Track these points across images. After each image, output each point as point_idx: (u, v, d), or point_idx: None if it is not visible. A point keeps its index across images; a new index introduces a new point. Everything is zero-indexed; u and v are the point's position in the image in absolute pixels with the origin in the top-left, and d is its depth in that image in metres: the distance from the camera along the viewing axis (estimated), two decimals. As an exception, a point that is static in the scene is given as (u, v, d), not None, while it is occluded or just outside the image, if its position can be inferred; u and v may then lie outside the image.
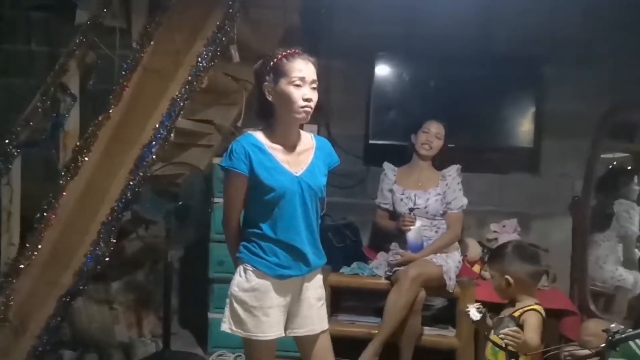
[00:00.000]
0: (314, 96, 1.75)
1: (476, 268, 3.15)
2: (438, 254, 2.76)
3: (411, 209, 2.86)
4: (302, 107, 1.73)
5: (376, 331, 2.72)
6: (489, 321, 1.83)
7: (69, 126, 2.65)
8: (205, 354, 3.04)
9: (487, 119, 3.30)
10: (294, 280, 1.80)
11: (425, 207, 2.85)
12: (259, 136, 1.80)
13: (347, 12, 3.45)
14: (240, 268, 1.80)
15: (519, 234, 3.24)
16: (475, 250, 3.19)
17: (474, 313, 1.81)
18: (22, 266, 2.48)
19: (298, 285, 1.82)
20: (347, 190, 3.47)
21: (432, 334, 2.78)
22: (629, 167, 3.36)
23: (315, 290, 1.86)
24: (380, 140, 3.33)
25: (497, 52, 3.35)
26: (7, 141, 2.55)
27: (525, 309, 1.87)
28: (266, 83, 1.77)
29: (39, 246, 2.50)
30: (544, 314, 1.88)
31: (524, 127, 3.28)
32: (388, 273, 2.76)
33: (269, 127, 1.82)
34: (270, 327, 1.75)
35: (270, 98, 1.77)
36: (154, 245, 2.97)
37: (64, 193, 2.52)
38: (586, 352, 1.55)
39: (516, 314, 1.87)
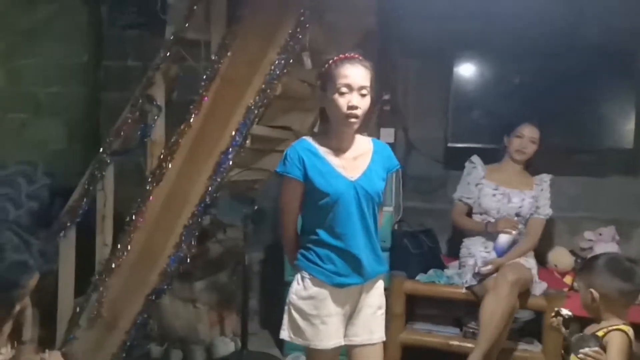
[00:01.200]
0: (362, 103, 1.71)
1: (567, 279, 2.92)
2: (519, 259, 2.61)
3: (517, 214, 2.73)
4: (347, 115, 1.70)
5: (455, 342, 2.62)
6: (572, 336, 1.68)
7: (155, 135, 2.81)
8: (282, 355, 3.09)
9: (579, 118, 3.05)
10: (352, 289, 1.77)
11: (520, 207, 2.74)
12: (314, 141, 1.80)
13: (422, 12, 3.33)
14: (298, 276, 1.80)
15: (618, 243, 2.95)
16: (566, 260, 2.96)
17: (566, 312, 1.67)
18: (114, 265, 2.66)
19: (357, 293, 1.79)
20: (425, 195, 3.38)
21: (519, 349, 2.61)
22: None
23: (375, 298, 1.82)
24: (460, 143, 3.19)
25: (588, 44, 3.08)
26: (101, 150, 2.76)
27: (610, 328, 1.69)
28: (319, 89, 1.78)
29: (129, 247, 2.67)
30: (632, 335, 1.68)
31: (622, 126, 2.99)
32: (473, 283, 2.62)
33: (324, 132, 1.82)
34: (328, 335, 1.73)
35: (322, 104, 1.78)
36: (233, 248, 3.08)
37: (151, 198, 2.67)
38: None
39: (600, 333, 1.69)
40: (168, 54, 2.78)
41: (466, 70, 3.23)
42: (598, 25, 3.07)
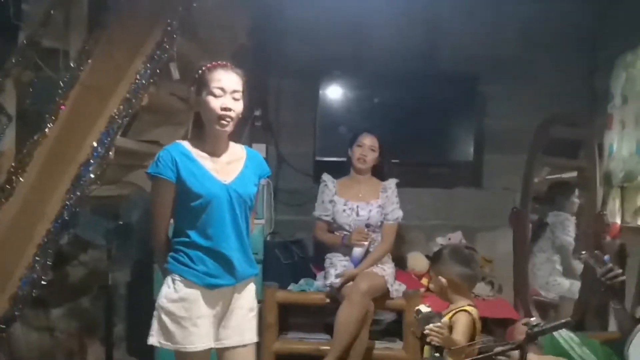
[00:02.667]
0: (235, 106, 1.77)
1: (424, 281, 3.19)
2: (375, 266, 2.79)
3: (367, 225, 2.87)
4: (221, 116, 1.75)
5: (325, 347, 2.71)
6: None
7: (4, 147, 2.57)
8: (152, 381, 2.94)
9: (431, 135, 3.39)
10: (223, 290, 1.79)
11: (368, 219, 2.88)
12: (187, 145, 1.82)
13: (294, 33, 3.52)
14: (169, 279, 1.78)
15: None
16: (422, 263, 3.23)
17: (425, 307, 1.84)
18: (-48, 292, 2.36)
19: (228, 294, 1.80)
20: (296, 208, 3.49)
21: (380, 347, 2.78)
22: (571, 181, 3.51)
23: (246, 300, 1.84)
24: (327, 157, 3.37)
25: (439, 71, 3.49)
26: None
27: (456, 310, 1.91)
28: (192, 94, 1.80)
29: (-29, 272, 2.39)
30: (475, 315, 1.91)
31: (465, 142, 3.39)
32: (330, 291, 2.74)
33: (198, 137, 1.84)
34: (199, 338, 1.72)
35: (196, 109, 1.81)
36: (96, 270, 2.90)
37: (-2, 215, 2.43)
38: (508, 346, 1.59)
39: (449, 315, 1.90)
40: (20, 59, 2.57)
41: (333, 89, 3.45)
42: (448, 53, 3.49)
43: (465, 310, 1.89)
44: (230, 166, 1.82)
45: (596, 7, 3.35)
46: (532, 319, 1.55)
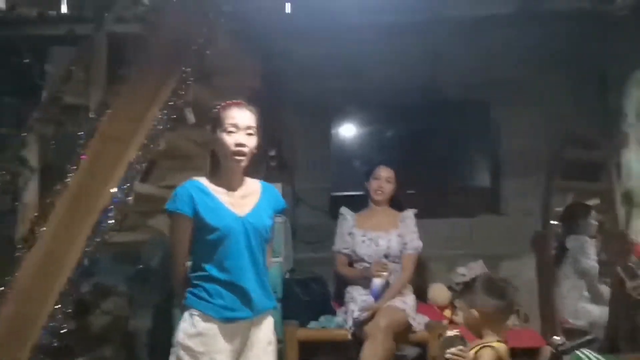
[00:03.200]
0: (249, 141, 1.82)
1: (447, 313, 3.13)
2: (396, 298, 2.74)
3: (386, 256, 2.86)
4: (235, 152, 1.80)
5: (349, 385, 2.65)
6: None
7: (28, 198, 2.66)
8: None
9: (447, 163, 3.39)
10: (241, 324, 1.78)
11: (388, 248, 2.87)
12: (204, 181, 1.87)
13: (304, 73, 3.60)
14: (186, 314, 1.79)
15: (487, 275, 3.24)
16: (444, 295, 3.18)
17: (451, 332, 1.78)
18: (-22, 344, 2.39)
19: (246, 328, 1.80)
20: (314, 245, 3.49)
21: (406, 383, 2.71)
22: (588, 203, 3.45)
23: (264, 333, 1.83)
24: (343, 192, 3.38)
25: (449, 98, 3.53)
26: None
27: (482, 345, 1.84)
28: (209, 133, 1.87)
29: (-4, 323, 2.42)
30: (502, 351, 1.83)
31: (482, 169, 3.38)
32: (353, 328, 2.70)
33: (214, 174, 1.89)
34: None
35: (212, 146, 1.87)
36: (119, 318, 2.91)
37: (21, 265, 2.48)
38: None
39: (475, 349, 1.84)
40: (43, 115, 2.70)
41: (344, 124, 3.52)
42: (456, 81, 3.52)
43: (490, 346, 1.82)
44: (245, 200, 1.86)
45: (604, 26, 3.35)
46: (556, 337, 1.50)
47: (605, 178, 2.96)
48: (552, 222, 3.34)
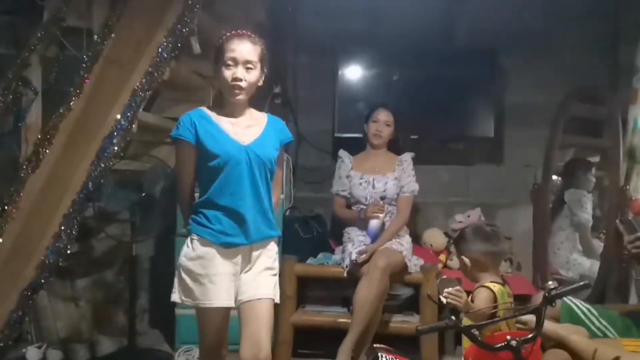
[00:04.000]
0: (247, 76, 1.81)
1: (442, 257, 3.20)
2: (393, 240, 2.80)
3: (383, 198, 2.89)
4: (233, 86, 1.80)
5: (343, 320, 2.75)
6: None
7: (31, 120, 2.64)
8: (172, 351, 3.02)
9: (450, 111, 3.37)
10: (241, 249, 1.83)
11: (384, 191, 2.90)
12: (208, 110, 1.89)
13: (312, 9, 3.52)
14: (188, 239, 1.85)
15: (483, 224, 3.30)
16: (440, 240, 3.24)
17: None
18: (-18, 259, 2.45)
19: (246, 254, 1.84)
20: (315, 185, 3.52)
21: (397, 321, 2.81)
22: (589, 159, 3.47)
23: (265, 259, 1.87)
24: (346, 134, 3.38)
25: (458, 45, 3.46)
26: (-33, 135, 2.54)
27: (478, 285, 1.90)
28: (213, 63, 1.86)
29: (0, 239, 2.47)
30: (497, 290, 1.87)
31: (485, 118, 3.36)
32: (349, 266, 2.75)
33: (219, 103, 1.90)
34: (218, 294, 1.77)
35: (217, 77, 1.86)
36: (121, 243, 2.97)
37: (25, 186, 2.50)
38: (525, 310, 1.60)
39: (473, 292, 1.89)
40: (45, 35, 2.63)
41: (351, 66, 3.45)
42: (466, 28, 3.45)
43: (485, 286, 1.88)
44: (250, 129, 1.87)
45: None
46: (549, 282, 1.55)
47: (608, 134, 2.94)
48: (552, 175, 3.37)
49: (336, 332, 2.66)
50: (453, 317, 1.57)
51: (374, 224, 2.80)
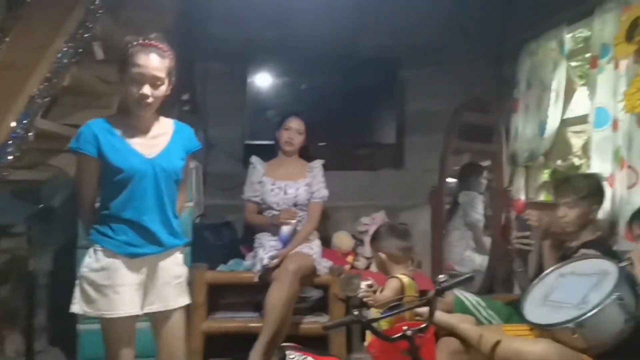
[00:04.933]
0: (156, 92, 1.78)
1: (350, 258, 3.35)
2: (303, 244, 2.90)
3: (295, 204, 2.97)
4: (139, 102, 1.77)
5: (254, 324, 2.79)
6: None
7: None
8: (74, 366, 2.89)
9: (357, 118, 3.54)
10: (147, 259, 1.82)
11: (296, 197, 2.98)
12: (111, 120, 1.84)
13: (222, 16, 3.54)
14: (91, 250, 1.81)
15: (388, 225, 3.50)
16: (347, 242, 3.39)
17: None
18: None
19: (153, 263, 1.84)
20: (226, 192, 3.53)
21: (307, 322, 2.90)
22: (481, 163, 3.80)
23: (172, 268, 1.88)
24: (256, 141, 3.44)
25: (363, 56, 3.65)
26: None
27: (391, 276, 2.07)
28: (118, 71, 1.81)
29: None
30: (405, 281, 2.05)
31: (388, 126, 3.57)
32: (261, 271, 2.81)
33: (123, 111, 1.86)
34: (122, 304, 1.76)
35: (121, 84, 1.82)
36: (17, 257, 2.80)
37: None
38: (419, 302, 1.76)
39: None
40: None
41: (261, 73, 3.53)
42: (371, 40, 3.65)
43: (395, 277, 2.04)
44: (155, 140, 1.85)
45: (501, -1, 3.62)
46: (440, 276, 1.71)
47: (495, 140, 3.25)
48: (448, 179, 3.65)
49: (248, 337, 2.70)
50: (356, 312, 1.69)
51: (286, 229, 2.88)
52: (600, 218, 2.36)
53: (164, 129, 1.89)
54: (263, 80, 3.53)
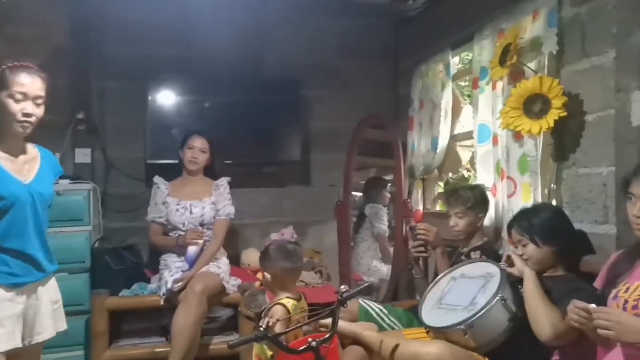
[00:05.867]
0: (37, 111, 1.79)
1: (259, 275, 3.33)
2: (210, 263, 2.87)
3: (202, 224, 2.93)
4: (20, 121, 1.75)
5: (161, 349, 2.71)
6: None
7: None
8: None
9: (263, 137, 3.58)
10: (28, 288, 1.78)
11: (202, 216, 2.95)
12: None
13: (119, 33, 3.44)
14: None
15: (296, 241, 3.55)
16: (256, 259, 3.35)
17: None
18: None
19: (33, 291, 1.80)
20: (128, 214, 3.42)
21: (217, 342, 2.86)
22: (384, 177, 4.00)
23: (50, 294, 1.86)
24: (159, 160, 3.36)
25: (267, 75, 3.71)
26: None
27: (273, 303, 2.03)
28: None
29: None
30: (290, 306, 2.01)
31: (294, 143, 3.66)
32: (166, 294, 2.74)
33: None
34: (6, 339, 1.68)
35: None
36: None
37: None
38: (322, 313, 1.81)
39: (271, 307, 2.04)
40: None
41: (162, 91, 3.46)
42: (275, 59, 3.72)
43: (278, 303, 2.01)
44: (27, 165, 1.83)
45: (394, 23, 3.86)
46: (341, 287, 1.78)
47: (394, 156, 3.44)
48: (353, 193, 3.79)
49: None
50: (262, 328, 1.71)
51: (192, 250, 2.83)
52: (486, 225, 2.57)
53: (32, 153, 1.89)
54: (165, 98, 3.46)
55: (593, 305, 1.48)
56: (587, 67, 2.18)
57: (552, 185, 2.36)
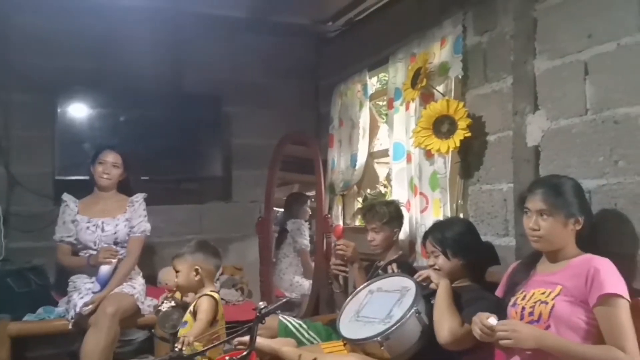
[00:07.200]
0: None
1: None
2: (124, 283, 2.77)
3: (116, 243, 2.81)
4: None
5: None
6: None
7: None
8: None
9: (182, 153, 3.52)
10: None
11: (115, 234, 2.84)
12: None
13: (27, 46, 3.27)
14: None
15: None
16: (174, 278, 3.29)
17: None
18: None
19: None
20: (34, 234, 3.21)
21: (132, 366, 2.76)
22: (305, 193, 4.05)
23: None
24: (69, 176, 3.19)
25: (186, 91, 3.67)
26: None
27: (200, 294, 2.11)
28: None
29: None
30: (218, 299, 2.15)
31: (214, 159, 3.62)
32: (75, 317, 2.61)
33: None
34: None
35: None
36: None
37: None
38: (240, 330, 1.82)
39: (195, 302, 2.06)
40: None
41: (73, 104, 3.30)
42: (194, 75, 3.68)
43: (209, 295, 2.09)
44: None
45: (315, 43, 3.96)
46: (260, 303, 1.78)
47: (315, 172, 3.50)
48: (275, 208, 3.80)
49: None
50: (177, 349, 1.67)
51: (104, 269, 2.70)
52: (401, 239, 2.68)
53: None
54: (77, 111, 3.31)
55: (494, 321, 1.59)
56: (488, 91, 2.36)
57: (459, 201, 2.51)
